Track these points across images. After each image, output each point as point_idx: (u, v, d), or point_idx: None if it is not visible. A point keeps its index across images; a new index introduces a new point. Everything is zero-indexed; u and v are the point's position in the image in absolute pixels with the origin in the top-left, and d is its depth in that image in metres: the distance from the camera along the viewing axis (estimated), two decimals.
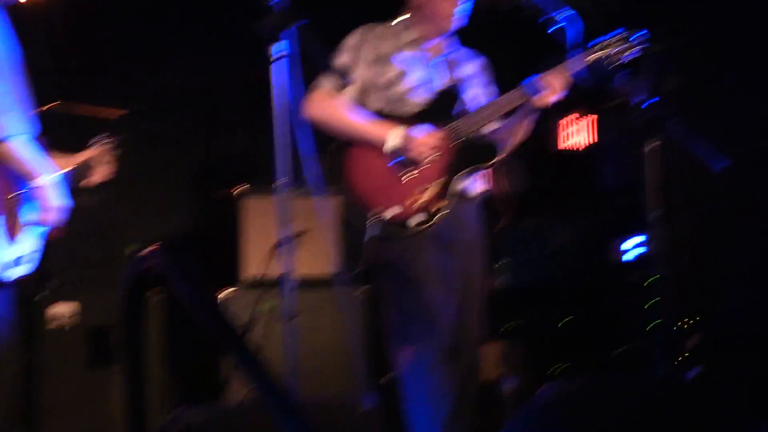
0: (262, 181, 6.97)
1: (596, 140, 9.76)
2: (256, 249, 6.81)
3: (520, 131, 4.23)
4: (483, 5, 4.55)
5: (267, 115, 3.54)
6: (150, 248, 5.00)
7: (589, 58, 3.99)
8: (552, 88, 4.01)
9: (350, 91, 4.08)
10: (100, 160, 3.98)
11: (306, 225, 5.67)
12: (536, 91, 4.03)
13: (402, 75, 4.09)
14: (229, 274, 6.83)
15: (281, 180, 2.78)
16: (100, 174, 4.01)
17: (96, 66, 7.39)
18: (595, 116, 9.73)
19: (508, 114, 4.19)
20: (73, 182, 3.99)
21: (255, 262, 6.80)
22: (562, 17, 3.82)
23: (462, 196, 4.12)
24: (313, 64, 2.92)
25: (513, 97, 4.08)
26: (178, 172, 7.73)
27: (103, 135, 4.08)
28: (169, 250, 4.91)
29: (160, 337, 5.17)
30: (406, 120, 4.03)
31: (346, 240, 4.26)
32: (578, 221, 9.34)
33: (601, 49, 4.19)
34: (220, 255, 7.05)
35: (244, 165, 7.65)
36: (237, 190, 6.93)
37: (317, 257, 5.49)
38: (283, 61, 2.79)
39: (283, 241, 2.87)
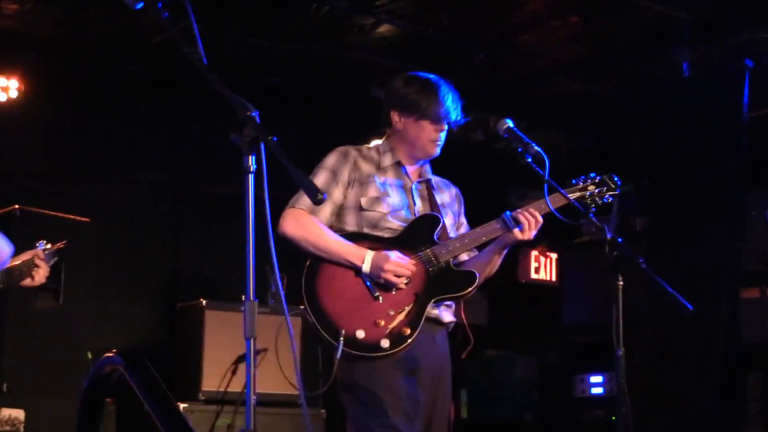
0: (227, 294, 6.96)
1: (562, 276, 9.83)
2: (217, 363, 6.74)
3: (491, 265, 4.25)
4: (458, 135, 4.63)
5: (236, 228, 3.55)
6: (110, 354, 4.96)
7: (568, 198, 4.05)
8: (526, 224, 4.07)
9: (327, 211, 4.09)
10: (32, 263, 4.01)
11: (269, 342, 5.65)
12: (512, 226, 4.09)
13: (381, 198, 4.10)
14: (189, 387, 6.74)
15: (247, 294, 2.77)
16: (37, 277, 4.03)
17: (61, 173, 7.41)
18: (560, 252, 9.83)
19: (483, 245, 4.22)
20: (8, 281, 3.99)
21: (216, 376, 6.73)
22: (532, 153, 3.89)
23: (432, 323, 4.09)
24: (290, 181, 2.93)
25: (490, 230, 4.11)
26: (143, 281, 7.70)
27: (43, 242, 4.11)
28: (130, 357, 4.87)
29: None
30: (383, 243, 4.02)
31: (311, 359, 4.23)
32: (542, 355, 9.34)
33: (579, 191, 4.27)
34: (181, 366, 6.97)
35: (210, 277, 7.62)
36: (201, 302, 6.90)
37: (280, 375, 5.44)
38: (252, 176, 2.81)
39: (245, 357, 2.84)
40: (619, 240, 3.71)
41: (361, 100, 6.94)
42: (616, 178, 4.28)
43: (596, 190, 4.25)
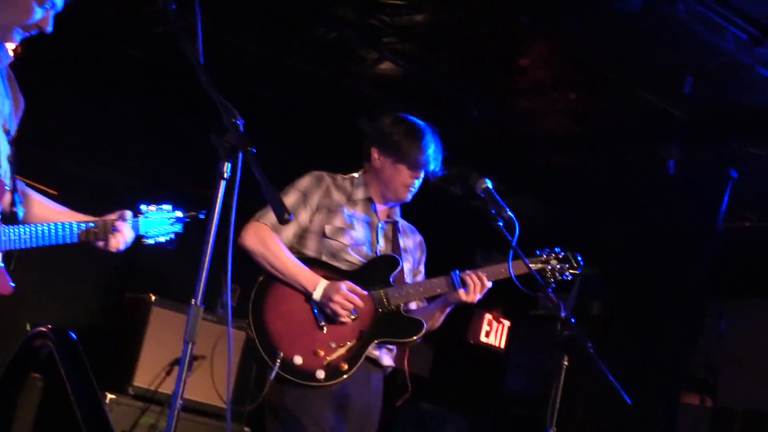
0: (178, 294, 6.90)
1: (510, 344, 9.84)
2: (154, 361, 6.68)
3: (434, 319, 4.26)
4: (437, 185, 4.65)
5: (199, 231, 3.54)
6: (43, 329, 4.88)
7: (529, 267, 4.07)
8: (472, 287, 4.10)
9: (290, 231, 4.09)
10: (110, 226, 3.55)
11: (208, 351, 5.61)
12: (458, 286, 4.11)
13: (346, 230, 4.10)
14: (120, 379, 6.67)
15: (196, 298, 2.75)
16: (112, 242, 3.57)
17: (36, 141, 7.37)
18: (513, 321, 9.85)
19: (432, 298, 4.23)
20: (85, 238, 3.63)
21: (149, 373, 6.67)
22: (504, 217, 3.91)
23: (370, 363, 4.09)
24: (258, 195, 2.93)
25: (437, 284, 4.14)
26: (96, 264, 7.62)
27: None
28: (62, 335, 4.80)
29: (33, 423, 5.01)
30: (339, 274, 4.03)
31: (245, 375, 4.21)
32: (474, 418, 9.32)
33: (541, 262, 4.30)
34: (117, 357, 6.90)
35: (163, 274, 7.56)
36: (150, 297, 6.84)
37: (211, 385, 5.39)
38: (224, 183, 2.81)
39: (180, 360, 2.82)
40: (572, 320, 3.72)
41: (347, 130, 6.94)
42: (579, 258, 4.31)
43: (558, 265, 4.29)
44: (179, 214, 3.58)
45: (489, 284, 4.13)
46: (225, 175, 2.78)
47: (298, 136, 7.82)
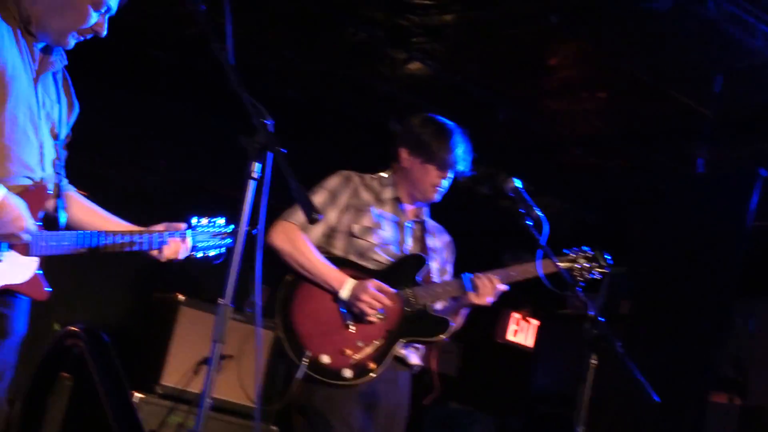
0: (206, 295, 6.93)
1: (538, 343, 9.82)
2: (182, 360, 6.70)
3: (457, 318, 4.27)
4: (466, 185, 4.65)
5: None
6: (73, 328, 4.90)
7: (557, 265, 4.07)
8: (482, 290, 4.11)
9: (319, 231, 4.11)
10: (157, 237, 3.47)
11: (236, 350, 5.64)
12: (468, 288, 4.12)
13: (375, 228, 4.12)
14: (149, 378, 6.69)
15: (225, 298, 2.76)
16: (165, 252, 3.50)
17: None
18: (542, 320, 9.82)
19: (455, 298, 4.24)
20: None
21: (177, 372, 6.69)
22: (533, 217, 3.90)
23: (398, 362, 4.10)
24: (287, 194, 2.94)
25: (450, 286, 4.16)
26: (125, 263, 7.65)
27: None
28: (92, 334, 4.83)
29: (63, 422, 5.05)
30: (367, 273, 4.04)
31: (272, 374, 4.22)
32: (502, 417, 9.31)
33: (569, 261, 4.29)
34: (145, 357, 6.93)
35: (192, 273, 7.58)
36: (178, 296, 6.86)
37: (238, 385, 5.43)
38: (253, 183, 2.82)
39: (209, 360, 2.83)
40: (601, 319, 3.71)
41: (376, 131, 6.95)
42: (607, 257, 4.30)
43: (586, 264, 4.28)
44: (230, 230, 3.57)
45: (501, 287, 4.13)
46: (254, 176, 2.79)
47: (326, 137, 7.85)
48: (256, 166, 2.79)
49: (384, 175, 4.30)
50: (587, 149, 7.53)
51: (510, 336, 9.77)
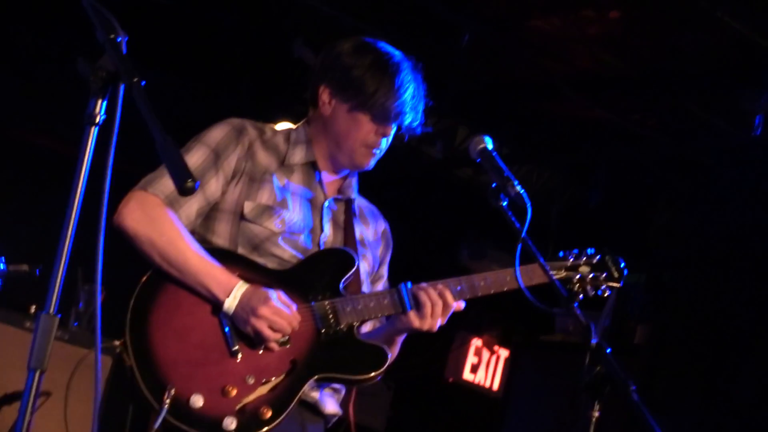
0: (8, 296, 6.87)
1: (509, 383, 9.89)
2: None
3: (393, 347, 4.29)
4: (409, 147, 4.65)
5: (52, 197, 3.53)
6: None
7: (549, 273, 4.07)
8: (428, 309, 4.11)
9: (193, 207, 4.08)
10: None
11: (59, 383, 5.61)
12: (407, 305, 4.12)
13: (275, 208, 4.09)
14: None
15: (46, 304, 2.76)
16: None
17: None
18: (514, 350, 9.89)
19: (390, 318, 4.24)
20: None
21: None
22: (511, 194, 3.90)
23: (306, 409, 4.10)
24: (146, 150, 2.92)
25: (381, 301, 4.15)
26: None
27: None
28: None
29: None
30: (263, 275, 4.03)
31: (115, 420, 4.21)
32: None
33: (566, 269, 4.33)
34: None
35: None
36: None
37: (66, 426, 5.41)
38: (96, 128, 2.81)
39: (21, 395, 2.83)
40: (607, 350, 3.75)
41: (282, 59, 6.93)
42: (622, 263, 4.35)
43: (590, 274, 4.33)
44: None
45: (456, 304, 4.14)
46: (97, 119, 2.78)
47: (207, 65, 7.77)
48: (100, 105, 2.79)
49: (293, 126, 4.30)
50: (592, 96, 7.59)
51: (467, 374, 9.84)
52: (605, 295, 4.37)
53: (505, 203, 3.89)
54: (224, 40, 7.50)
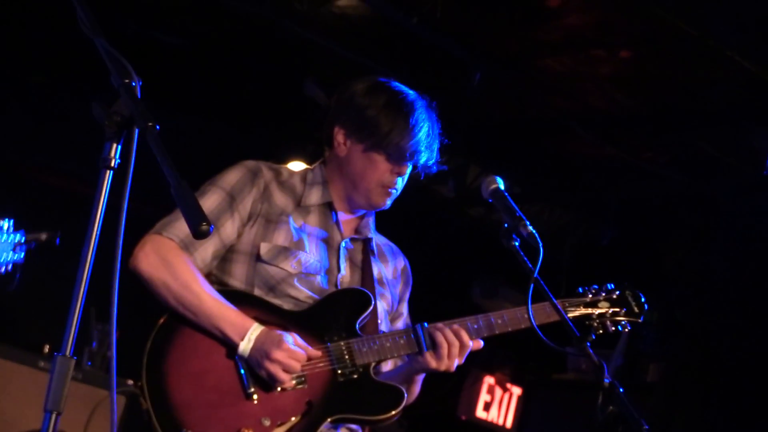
0: (24, 337, 6.87)
1: (522, 422, 9.87)
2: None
3: (413, 387, 4.28)
4: (422, 186, 4.65)
5: (67, 238, 3.52)
6: None
7: (562, 312, 4.04)
8: (444, 350, 4.10)
9: (209, 251, 4.08)
10: None
11: (75, 426, 5.60)
12: (424, 346, 4.11)
13: (291, 250, 4.08)
14: None
15: (62, 346, 2.75)
16: None
17: None
18: (527, 388, 9.87)
19: (409, 357, 4.22)
20: None
21: None
22: (523, 234, 3.89)
23: None
24: (162, 193, 2.92)
25: (404, 340, 4.14)
26: None
27: None
28: None
29: None
30: (279, 317, 4.02)
31: None
32: None
33: (585, 305, 4.31)
34: None
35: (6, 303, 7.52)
36: None
37: None
38: (111, 172, 2.80)
39: None
40: (620, 390, 3.73)
41: (296, 99, 6.92)
42: (642, 298, 4.33)
43: (609, 311, 4.31)
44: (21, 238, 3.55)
45: (472, 344, 4.13)
46: (112, 163, 2.78)
47: (223, 107, 7.77)
48: (115, 149, 2.78)
49: (310, 167, 4.29)
50: (604, 134, 7.59)
51: (480, 411, 9.82)
52: (626, 330, 4.35)
53: (517, 243, 3.88)
54: (236, 80, 7.52)
